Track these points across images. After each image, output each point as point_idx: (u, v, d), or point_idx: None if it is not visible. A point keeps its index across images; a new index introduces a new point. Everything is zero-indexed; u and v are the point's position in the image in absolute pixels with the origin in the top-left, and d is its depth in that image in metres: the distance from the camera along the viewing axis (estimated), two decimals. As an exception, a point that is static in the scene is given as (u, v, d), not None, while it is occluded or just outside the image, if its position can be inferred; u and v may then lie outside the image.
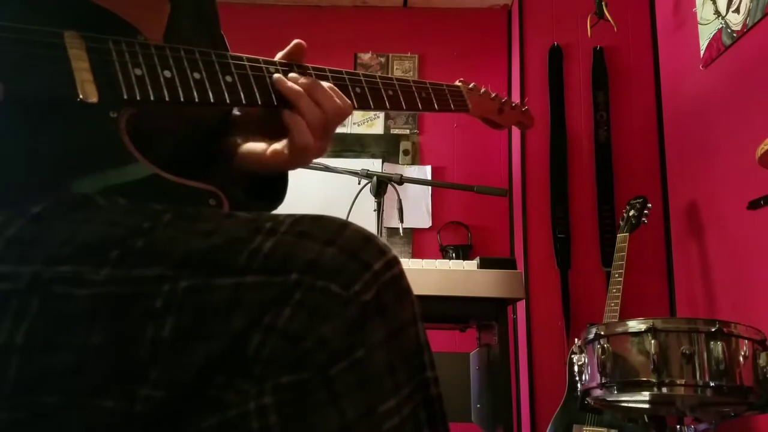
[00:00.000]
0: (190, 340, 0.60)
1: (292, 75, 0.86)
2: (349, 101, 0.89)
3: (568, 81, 3.44)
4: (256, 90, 0.83)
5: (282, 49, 0.90)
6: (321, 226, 0.65)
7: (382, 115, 3.70)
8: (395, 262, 0.65)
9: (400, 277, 0.65)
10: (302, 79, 0.85)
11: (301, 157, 0.86)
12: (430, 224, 3.50)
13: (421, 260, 2.22)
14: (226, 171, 0.91)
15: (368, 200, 2.42)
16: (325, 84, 0.87)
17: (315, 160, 0.89)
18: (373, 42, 3.76)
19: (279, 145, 0.86)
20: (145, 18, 0.81)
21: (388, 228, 3.15)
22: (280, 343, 0.58)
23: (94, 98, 0.70)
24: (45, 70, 0.69)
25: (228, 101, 0.81)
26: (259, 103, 0.83)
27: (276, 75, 0.85)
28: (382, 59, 3.77)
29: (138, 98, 0.73)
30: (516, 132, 3.50)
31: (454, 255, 3.23)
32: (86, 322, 0.61)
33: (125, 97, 0.72)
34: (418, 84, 1.03)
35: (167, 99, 0.75)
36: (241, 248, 0.63)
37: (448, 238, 3.44)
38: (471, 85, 1.15)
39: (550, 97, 3.41)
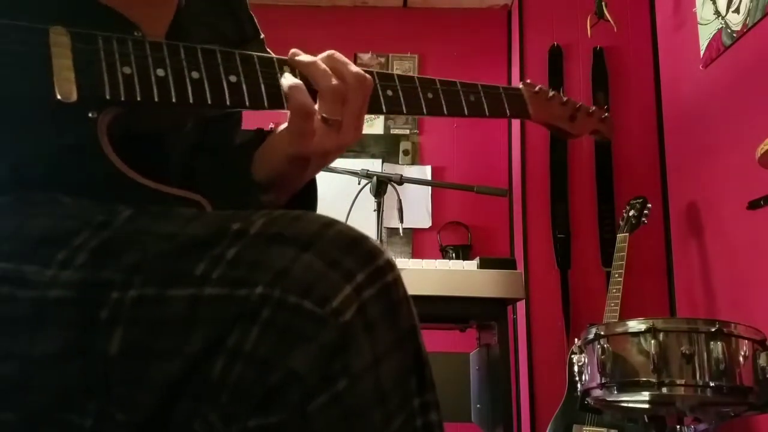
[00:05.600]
0: (143, 359, 0.53)
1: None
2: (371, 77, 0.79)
3: (568, 81, 3.43)
4: (264, 91, 0.77)
5: (281, 49, 0.86)
6: (299, 227, 0.56)
7: (382, 114, 3.70)
8: (387, 268, 0.56)
9: (393, 285, 0.56)
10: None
11: (305, 141, 0.74)
12: (430, 224, 3.49)
13: (421, 260, 2.22)
14: (230, 182, 0.83)
15: (368, 200, 2.42)
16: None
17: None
18: (373, 42, 3.76)
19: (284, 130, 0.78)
20: (147, 13, 0.77)
21: (388, 228, 3.14)
22: (248, 371, 0.51)
23: (72, 97, 0.66)
24: (25, 68, 0.65)
25: (228, 103, 0.75)
26: (266, 106, 0.76)
27: (292, 50, 0.79)
28: (382, 59, 3.76)
29: (122, 98, 0.68)
30: (516, 132, 3.50)
31: (454, 255, 3.23)
32: (30, 329, 0.55)
33: (107, 96, 0.68)
34: (466, 86, 0.93)
35: (156, 99, 0.70)
36: (201, 254, 0.55)
37: (448, 238, 3.44)
38: (537, 88, 1.02)
39: (550, 97, 3.41)
